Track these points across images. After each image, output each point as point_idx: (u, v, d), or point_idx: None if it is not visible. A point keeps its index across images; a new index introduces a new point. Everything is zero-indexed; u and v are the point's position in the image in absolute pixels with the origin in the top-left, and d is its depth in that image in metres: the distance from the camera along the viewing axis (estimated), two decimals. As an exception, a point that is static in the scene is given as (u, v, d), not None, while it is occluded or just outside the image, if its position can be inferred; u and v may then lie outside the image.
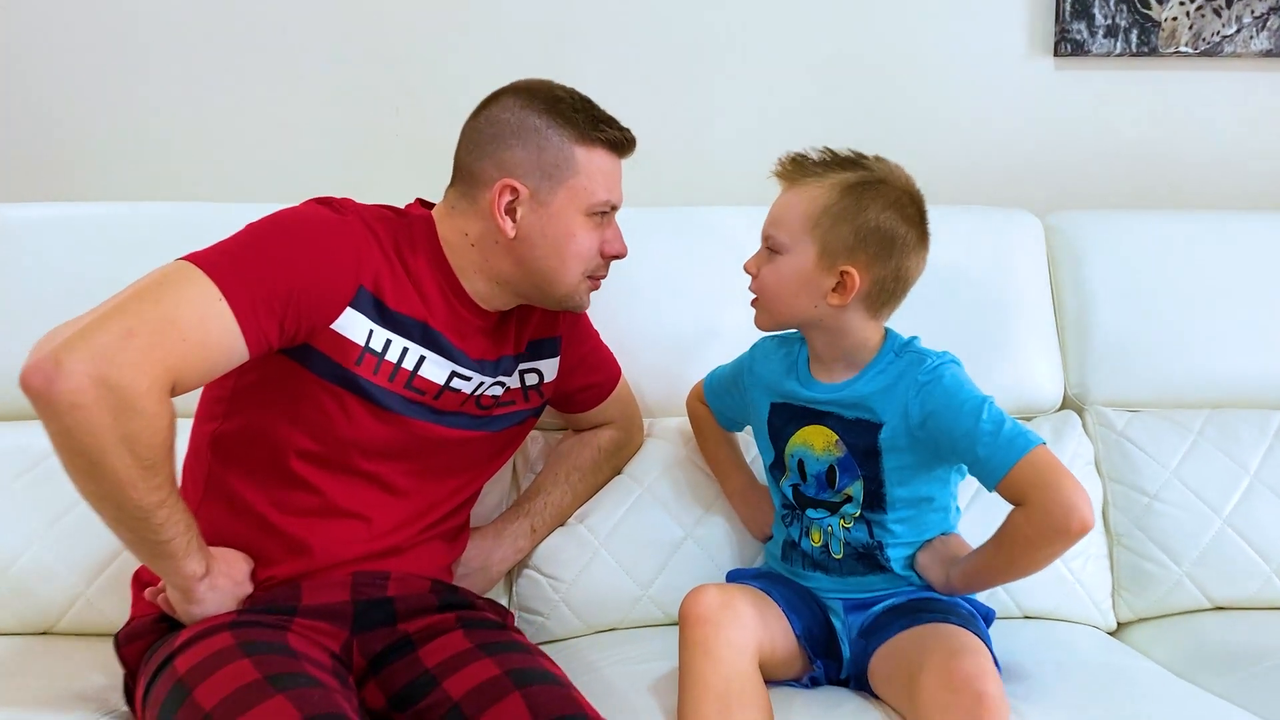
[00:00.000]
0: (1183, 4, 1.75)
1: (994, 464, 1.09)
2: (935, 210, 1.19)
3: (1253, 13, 1.76)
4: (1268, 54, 1.78)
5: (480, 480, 1.30)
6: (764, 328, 1.22)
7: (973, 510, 1.31)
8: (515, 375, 1.26)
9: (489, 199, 1.15)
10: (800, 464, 1.22)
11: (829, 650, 1.20)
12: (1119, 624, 1.45)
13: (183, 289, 1.00)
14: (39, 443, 0.97)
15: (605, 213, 1.19)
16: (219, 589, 1.08)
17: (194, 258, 1.03)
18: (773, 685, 1.14)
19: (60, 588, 1.34)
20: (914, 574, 1.20)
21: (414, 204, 1.24)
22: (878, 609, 1.18)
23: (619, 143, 1.18)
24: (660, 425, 1.48)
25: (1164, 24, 1.76)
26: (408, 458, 1.18)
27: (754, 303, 1.21)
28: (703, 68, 1.76)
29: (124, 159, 1.74)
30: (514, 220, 1.15)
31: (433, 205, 1.23)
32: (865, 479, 1.18)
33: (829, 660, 1.20)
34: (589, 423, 1.42)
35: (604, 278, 1.24)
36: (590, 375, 1.37)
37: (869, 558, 1.20)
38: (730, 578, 1.31)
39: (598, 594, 1.37)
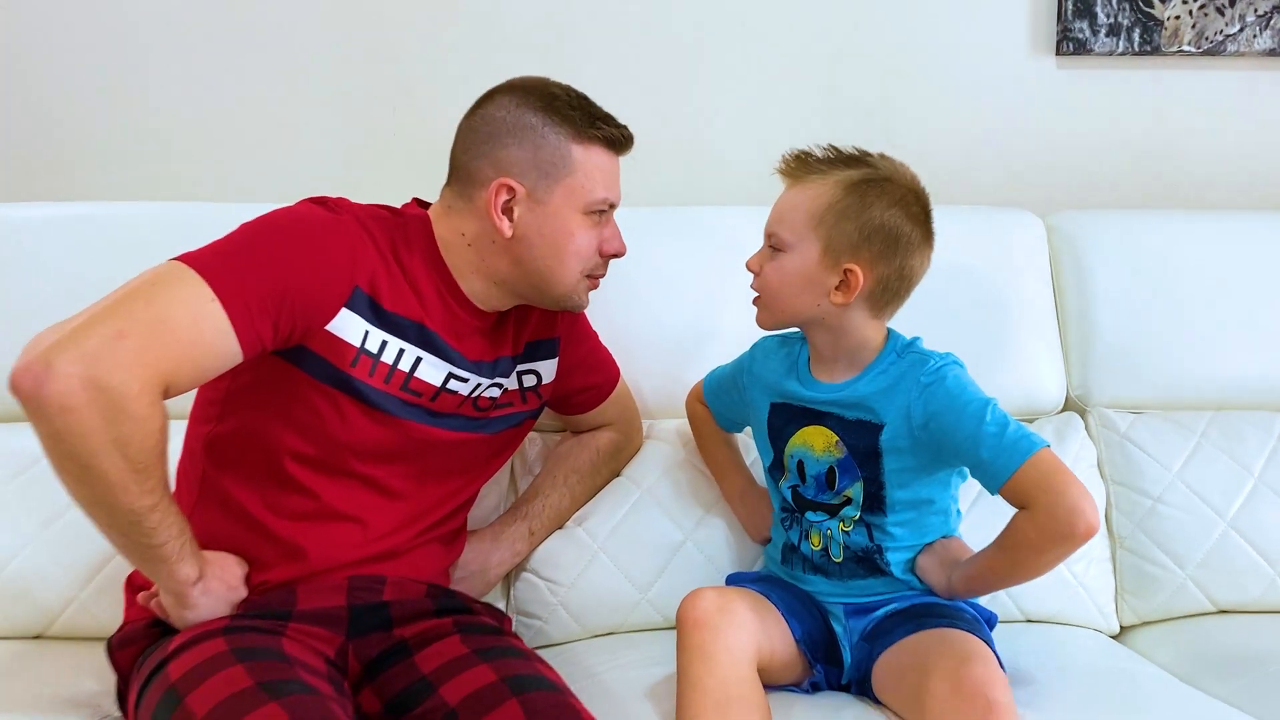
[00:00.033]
0: (1185, 3, 1.74)
1: (998, 467, 1.08)
2: (936, 210, 1.18)
3: (1256, 11, 1.76)
4: (1271, 53, 1.77)
5: (477, 483, 1.29)
6: (766, 326, 1.21)
7: (974, 514, 1.30)
8: (513, 377, 1.25)
9: (485, 198, 1.14)
10: (800, 465, 1.21)
11: (829, 655, 1.19)
12: (1122, 628, 1.44)
13: (175, 289, 0.99)
14: (32, 445, 0.96)
15: (603, 211, 1.18)
16: (212, 593, 1.08)
17: (186, 258, 1.02)
18: (772, 690, 1.13)
19: (54, 591, 1.33)
20: (914, 578, 1.19)
21: (410, 203, 1.23)
22: (880, 613, 1.18)
23: (616, 140, 1.17)
24: (659, 427, 1.48)
25: (1167, 23, 1.75)
26: (404, 460, 1.17)
27: (755, 301, 1.20)
28: (702, 67, 1.76)
29: (119, 158, 1.73)
30: (511, 220, 1.14)
31: (429, 205, 1.22)
32: (865, 481, 1.17)
33: (829, 665, 1.19)
34: (588, 424, 1.42)
35: (603, 277, 1.23)
36: (589, 376, 1.37)
37: (868, 561, 1.19)
38: (730, 581, 1.30)
39: (596, 597, 1.36)
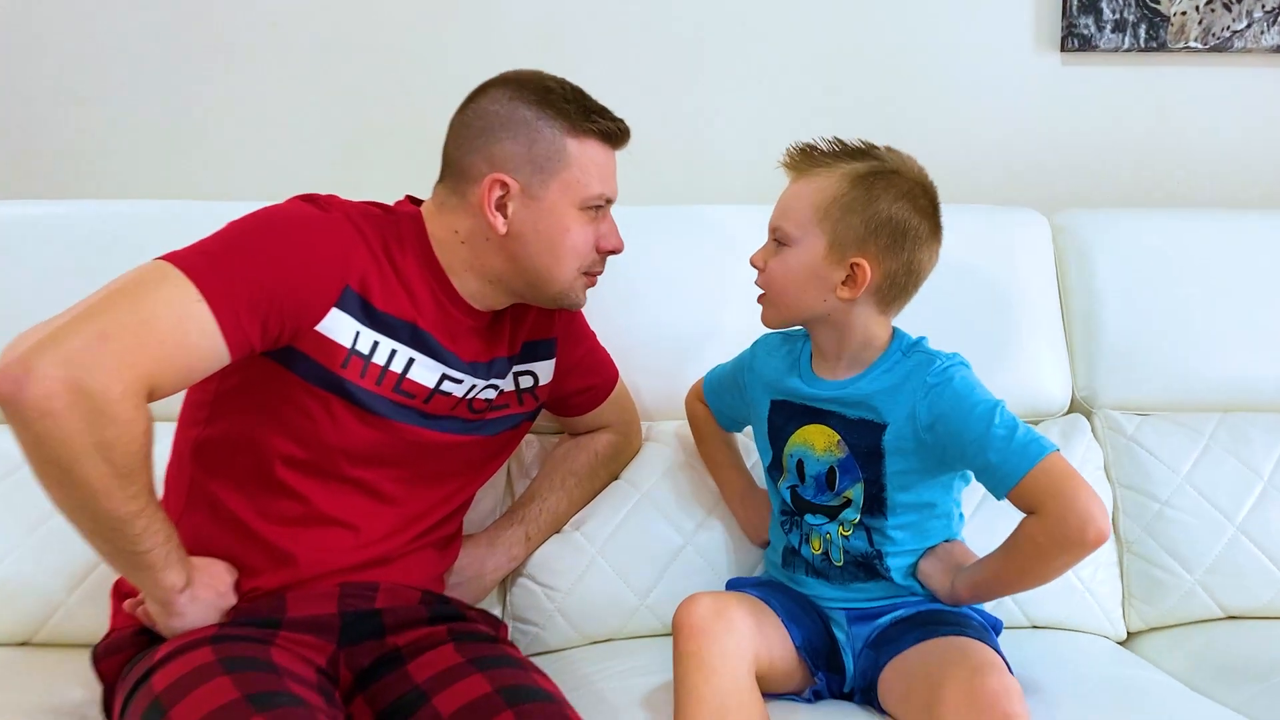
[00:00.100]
0: (1192, -2, 1.74)
1: (1006, 471, 1.07)
2: (942, 215, 1.16)
3: (1264, 7, 1.75)
4: (1278, 49, 1.76)
5: (473, 486, 1.28)
6: (772, 325, 1.20)
7: (977, 518, 1.28)
8: (509, 378, 1.24)
9: (479, 194, 1.13)
10: (799, 464, 1.20)
11: (831, 662, 1.17)
12: (1129, 633, 1.43)
13: (160, 289, 0.97)
14: (16, 448, 0.94)
15: (600, 206, 1.17)
16: (201, 601, 1.06)
17: (172, 257, 1.00)
18: (772, 699, 1.12)
19: (40, 597, 1.31)
20: (916, 583, 1.18)
21: (403, 201, 1.22)
22: (884, 621, 1.16)
23: (612, 134, 1.16)
24: (659, 429, 1.47)
25: (1173, 19, 1.74)
26: (397, 464, 1.16)
27: (761, 298, 1.18)
28: (703, 64, 1.75)
29: (103, 155, 1.71)
30: (505, 216, 1.13)
31: (422, 202, 1.20)
32: (866, 482, 1.16)
33: (831, 673, 1.17)
34: (586, 426, 1.40)
35: (600, 274, 1.21)
36: (587, 378, 1.35)
37: (869, 567, 1.18)
38: (730, 586, 1.29)
39: (594, 603, 1.35)
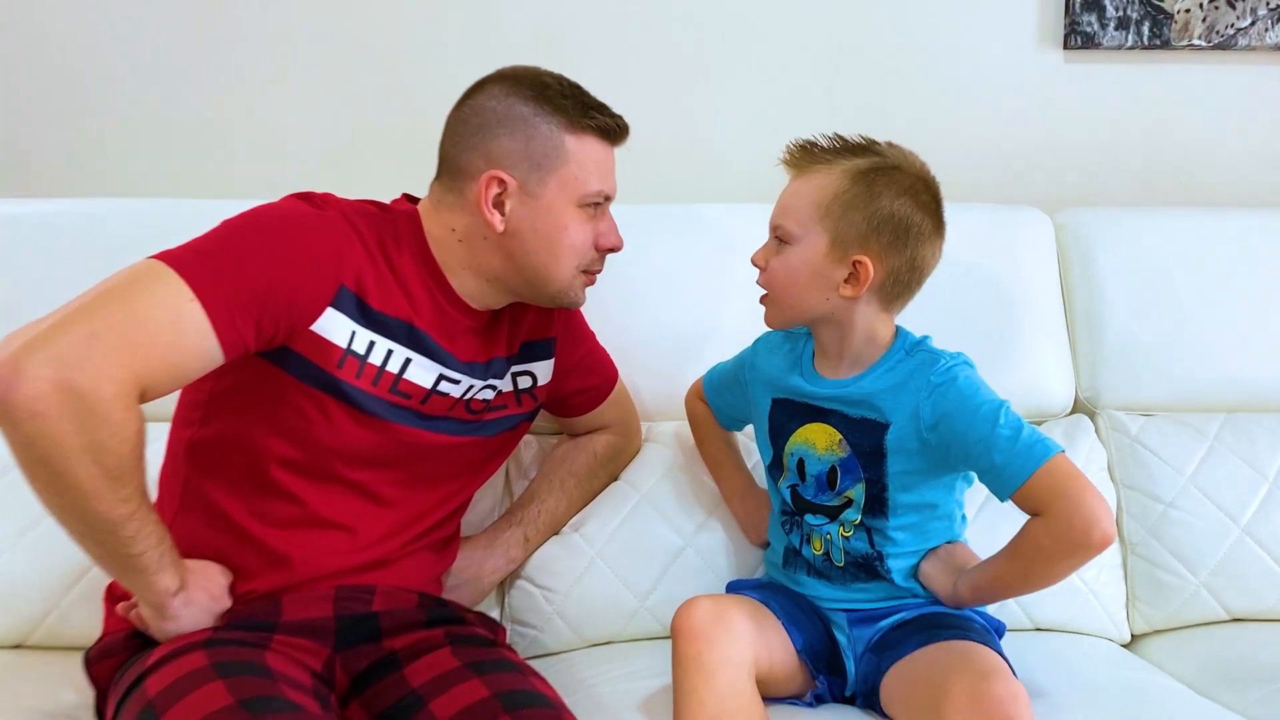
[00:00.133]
0: (1195, -5, 1.73)
1: (1011, 472, 1.06)
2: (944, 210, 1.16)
3: (1268, 4, 1.74)
4: (1283, 47, 1.75)
5: (471, 488, 1.27)
6: (774, 325, 1.19)
7: (979, 520, 1.28)
8: (507, 378, 1.23)
9: (476, 192, 1.12)
10: (800, 464, 1.19)
11: (832, 666, 1.16)
12: (1133, 636, 1.43)
13: (152, 289, 0.96)
14: (6, 449, 0.92)
15: (598, 204, 1.16)
16: (195, 604, 1.05)
17: (165, 256, 0.99)
18: (772, 703, 1.11)
19: (33, 600, 1.30)
20: (917, 585, 1.17)
21: (400, 199, 1.21)
22: (886, 624, 1.15)
23: (611, 130, 1.15)
24: (658, 429, 1.46)
25: (1176, 16, 1.74)
26: (393, 465, 1.15)
27: (763, 299, 1.17)
28: (703, 62, 1.74)
29: (96, 152, 1.71)
30: (502, 214, 1.12)
31: (419, 200, 1.19)
32: (868, 482, 1.15)
33: (833, 677, 1.16)
34: (585, 427, 1.39)
35: (599, 272, 1.20)
36: (586, 378, 1.35)
37: (869, 568, 1.17)
38: (730, 588, 1.29)
39: (593, 606, 1.34)
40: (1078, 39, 1.73)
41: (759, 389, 1.24)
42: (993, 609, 1.22)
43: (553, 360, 1.28)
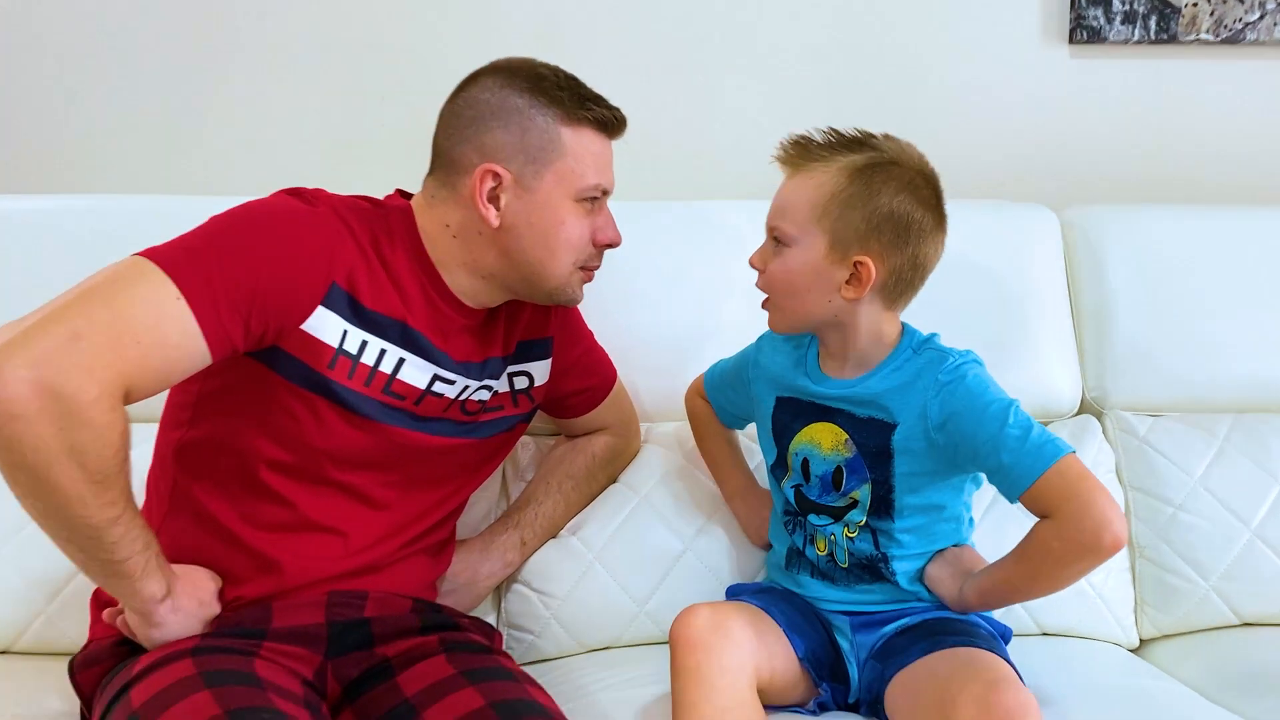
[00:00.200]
0: (1203, -11, 1.73)
1: (1020, 472, 1.04)
2: (946, 204, 1.14)
3: (1277, -2, 1.73)
4: (1291, 42, 1.74)
5: (466, 490, 1.25)
6: (779, 330, 1.17)
7: (986, 522, 1.26)
8: (503, 378, 1.21)
9: (470, 186, 1.10)
10: (804, 464, 1.17)
11: (835, 673, 1.15)
12: (1142, 641, 1.41)
13: (136, 287, 0.94)
14: (-8, 451, 0.91)
15: (596, 198, 1.14)
16: (183, 610, 1.03)
17: (150, 253, 0.97)
18: (774, 712, 1.10)
19: (19, 605, 1.29)
20: (922, 588, 1.16)
21: (393, 195, 1.19)
22: (890, 630, 1.13)
23: (608, 122, 1.13)
24: (658, 430, 1.45)
25: (1184, 10, 1.72)
26: (387, 468, 1.13)
27: (765, 303, 1.16)
28: (704, 56, 1.73)
29: (82, 148, 1.69)
30: (497, 208, 1.10)
31: (412, 196, 1.18)
32: (874, 483, 1.13)
33: (836, 684, 1.15)
34: (583, 428, 1.38)
35: (597, 268, 1.19)
36: (584, 378, 1.33)
37: (873, 569, 1.15)
38: (730, 593, 1.27)
39: (591, 610, 1.32)
40: (1083, 34, 1.72)
41: (762, 387, 1.23)
42: (999, 613, 1.20)
43: (550, 360, 1.26)
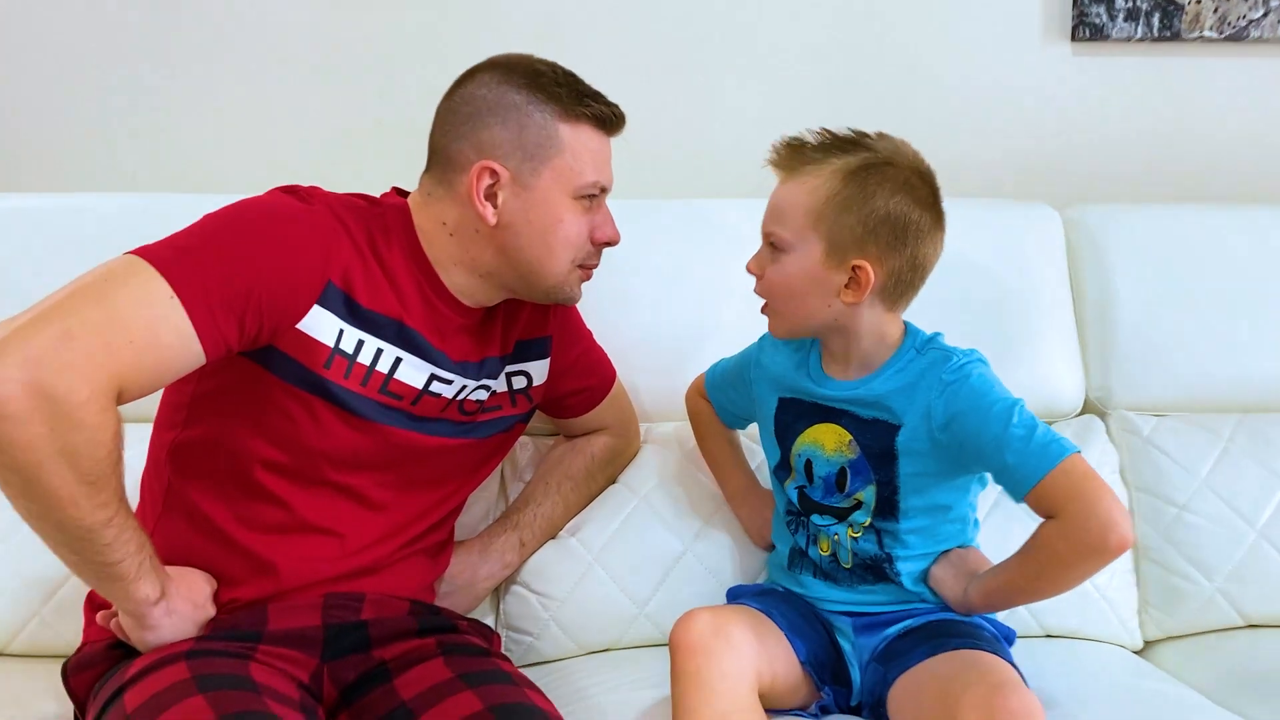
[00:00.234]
0: (1207, -14, 1.72)
1: (1024, 472, 1.03)
2: (947, 204, 1.13)
3: (1281, -5, 1.72)
4: (1296, 39, 1.73)
5: (464, 491, 1.24)
6: (780, 336, 1.17)
7: (989, 523, 1.25)
8: (501, 378, 1.20)
9: (467, 183, 1.09)
10: (808, 465, 1.17)
11: (837, 676, 1.14)
12: (1146, 643, 1.40)
13: (129, 286, 0.93)
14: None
15: (594, 195, 1.13)
16: (177, 613, 1.02)
17: (143, 251, 0.96)
18: (776, 716, 1.09)
19: (13, 607, 1.28)
20: (926, 589, 1.15)
21: (389, 192, 1.18)
22: (893, 632, 1.13)
23: (606, 119, 1.12)
24: (658, 431, 1.44)
25: (1187, 7, 1.71)
26: (384, 468, 1.12)
27: (765, 310, 1.15)
28: (704, 56, 1.73)
29: (74, 145, 1.69)
30: (495, 206, 1.09)
31: (409, 193, 1.17)
32: (879, 484, 1.13)
33: (838, 687, 1.14)
34: (582, 428, 1.37)
35: (595, 267, 1.18)
36: (583, 378, 1.32)
37: (877, 570, 1.15)
38: (730, 595, 1.26)
39: (591, 612, 1.32)
40: (1086, 31, 1.71)
41: (764, 387, 1.22)
42: (1003, 615, 1.20)
43: (548, 360, 1.26)
